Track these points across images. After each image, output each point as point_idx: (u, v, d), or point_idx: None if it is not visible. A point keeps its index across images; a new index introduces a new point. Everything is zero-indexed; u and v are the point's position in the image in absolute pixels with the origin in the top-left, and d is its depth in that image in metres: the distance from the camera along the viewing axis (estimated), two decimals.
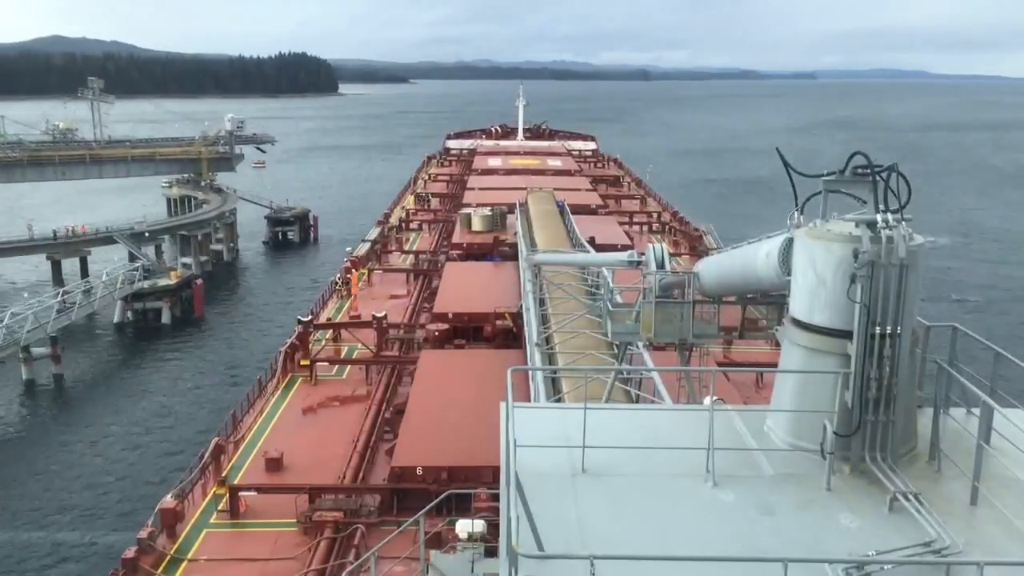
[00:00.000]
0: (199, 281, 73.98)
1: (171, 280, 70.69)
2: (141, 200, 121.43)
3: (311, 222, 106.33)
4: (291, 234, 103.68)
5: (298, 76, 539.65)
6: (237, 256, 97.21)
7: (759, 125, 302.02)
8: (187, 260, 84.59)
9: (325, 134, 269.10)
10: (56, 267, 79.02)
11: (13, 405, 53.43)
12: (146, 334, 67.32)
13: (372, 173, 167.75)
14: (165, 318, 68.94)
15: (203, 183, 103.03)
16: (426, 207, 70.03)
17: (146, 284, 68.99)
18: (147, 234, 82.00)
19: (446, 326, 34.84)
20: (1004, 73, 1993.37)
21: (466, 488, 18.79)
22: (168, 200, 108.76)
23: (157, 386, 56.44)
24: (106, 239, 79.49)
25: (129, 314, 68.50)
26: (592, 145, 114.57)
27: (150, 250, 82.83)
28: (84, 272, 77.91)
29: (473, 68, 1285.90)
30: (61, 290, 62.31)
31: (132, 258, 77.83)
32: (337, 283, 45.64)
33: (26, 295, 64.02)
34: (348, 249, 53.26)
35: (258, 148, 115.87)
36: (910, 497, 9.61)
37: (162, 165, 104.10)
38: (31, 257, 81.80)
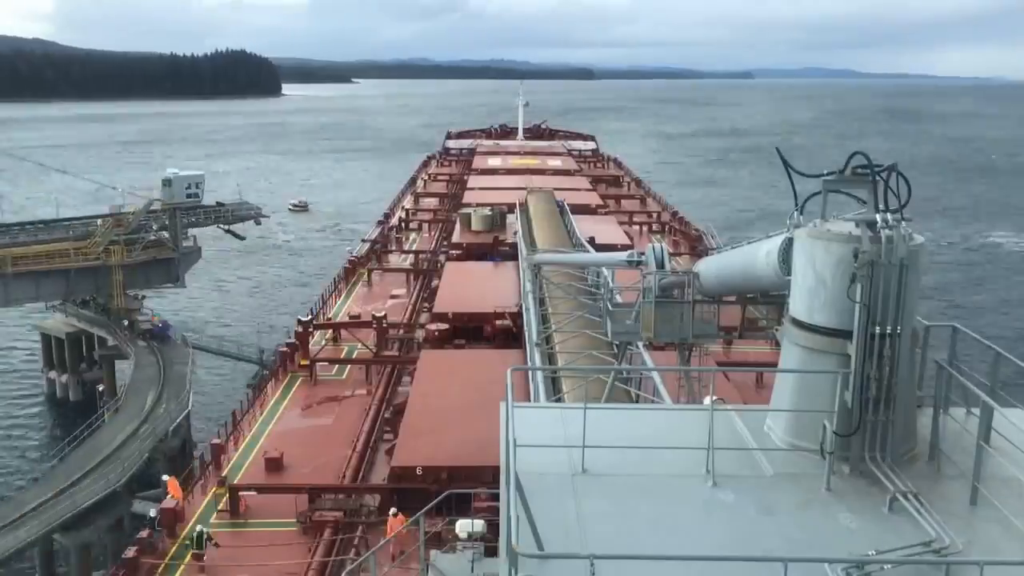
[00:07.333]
0: None
1: None
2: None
3: None
4: None
5: (237, 76, 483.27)
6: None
7: None
8: None
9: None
10: None
11: None
12: None
13: None
14: None
15: (116, 310, 52.63)
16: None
17: None
18: None
19: (446, 326, 34.87)
20: (935, 72, 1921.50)
21: (466, 488, 18.78)
22: (45, 340, 55.57)
23: None
24: None
25: None
26: (592, 145, 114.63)
27: None
28: None
29: (412, 67, 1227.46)
30: None
31: None
32: (338, 278, 45.82)
33: None
34: (348, 249, 53.28)
35: (229, 231, 63.19)
36: (910, 497, 9.60)
37: (25, 286, 50.46)
38: None
